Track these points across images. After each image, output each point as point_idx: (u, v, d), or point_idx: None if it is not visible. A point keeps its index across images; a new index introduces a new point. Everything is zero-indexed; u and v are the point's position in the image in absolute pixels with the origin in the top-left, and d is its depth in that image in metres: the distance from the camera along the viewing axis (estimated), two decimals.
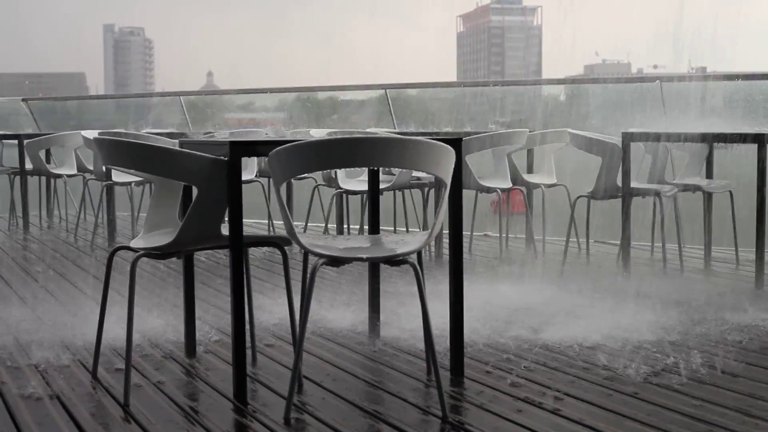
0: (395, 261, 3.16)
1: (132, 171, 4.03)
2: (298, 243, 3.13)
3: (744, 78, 8.09)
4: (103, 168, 7.26)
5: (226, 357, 3.76)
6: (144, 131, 8.50)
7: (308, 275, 3.07)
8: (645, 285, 5.10)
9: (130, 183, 7.34)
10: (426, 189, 6.58)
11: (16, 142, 8.80)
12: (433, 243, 6.37)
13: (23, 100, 12.70)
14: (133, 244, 3.43)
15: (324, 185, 7.02)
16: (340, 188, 6.47)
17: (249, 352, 3.69)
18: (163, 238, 3.43)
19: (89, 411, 3.16)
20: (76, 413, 3.13)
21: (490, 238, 7.61)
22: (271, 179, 6.51)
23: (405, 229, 7.34)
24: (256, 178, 7.44)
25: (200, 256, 6.31)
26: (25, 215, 8.71)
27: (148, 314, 4.59)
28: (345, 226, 7.10)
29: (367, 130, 8.03)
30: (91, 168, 8.39)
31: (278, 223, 7.96)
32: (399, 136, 3.14)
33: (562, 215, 6.39)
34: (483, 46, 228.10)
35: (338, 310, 4.71)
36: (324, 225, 7.04)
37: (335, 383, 3.47)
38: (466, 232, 6.84)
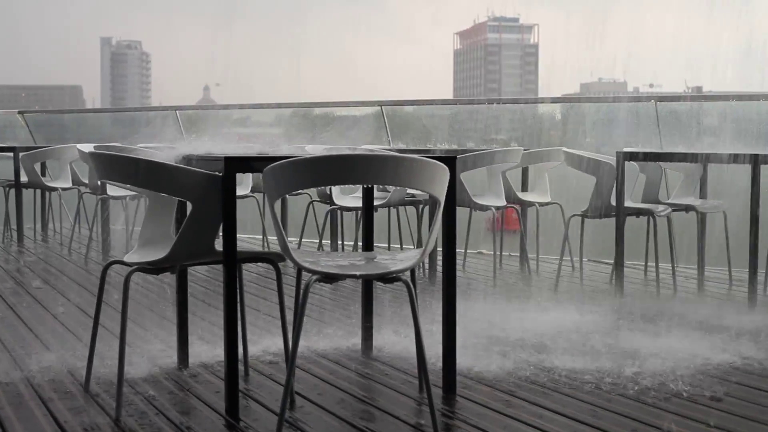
0: (389, 278, 3.16)
1: (127, 186, 4.03)
2: (292, 259, 3.13)
3: (738, 98, 8.12)
4: (98, 182, 7.26)
5: (219, 372, 3.76)
6: (140, 145, 8.48)
7: (301, 291, 3.07)
8: (637, 306, 5.11)
9: (125, 197, 7.34)
10: (420, 206, 6.59)
11: (11, 154, 8.80)
12: (426, 260, 6.37)
13: (19, 112, 12.69)
14: (127, 258, 3.44)
15: (319, 201, 7.03)
16: (335, 204, 6.47)
17: (242, 368, 3.69)
18: (156, 252, 3.43)
19: (80, 425, 3.15)
20: (67, 427, 3.12)
21: (484, 255, 7.62)
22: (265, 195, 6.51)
23: (399, 246, 7.34)
24: (250, 194, 7.44)
25: (194, 271, 6.30)
26: (20, 228, 8.70)
27: (141, 328, 4.59)
28: (339, 242, 7.10)
29: (362, 146, 8.03)
30: (86, 181, 8.39)
31: (273, 238, 7.96)
32: (393, 154, 3.15)
33: (557, 234, 6.40)
34: (480, 64, 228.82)
35: (331, 326, 4.70)
36: (318, 241, 7.03)
37: (327, 400, 3.47)
38: (460, 250, 6.85)
